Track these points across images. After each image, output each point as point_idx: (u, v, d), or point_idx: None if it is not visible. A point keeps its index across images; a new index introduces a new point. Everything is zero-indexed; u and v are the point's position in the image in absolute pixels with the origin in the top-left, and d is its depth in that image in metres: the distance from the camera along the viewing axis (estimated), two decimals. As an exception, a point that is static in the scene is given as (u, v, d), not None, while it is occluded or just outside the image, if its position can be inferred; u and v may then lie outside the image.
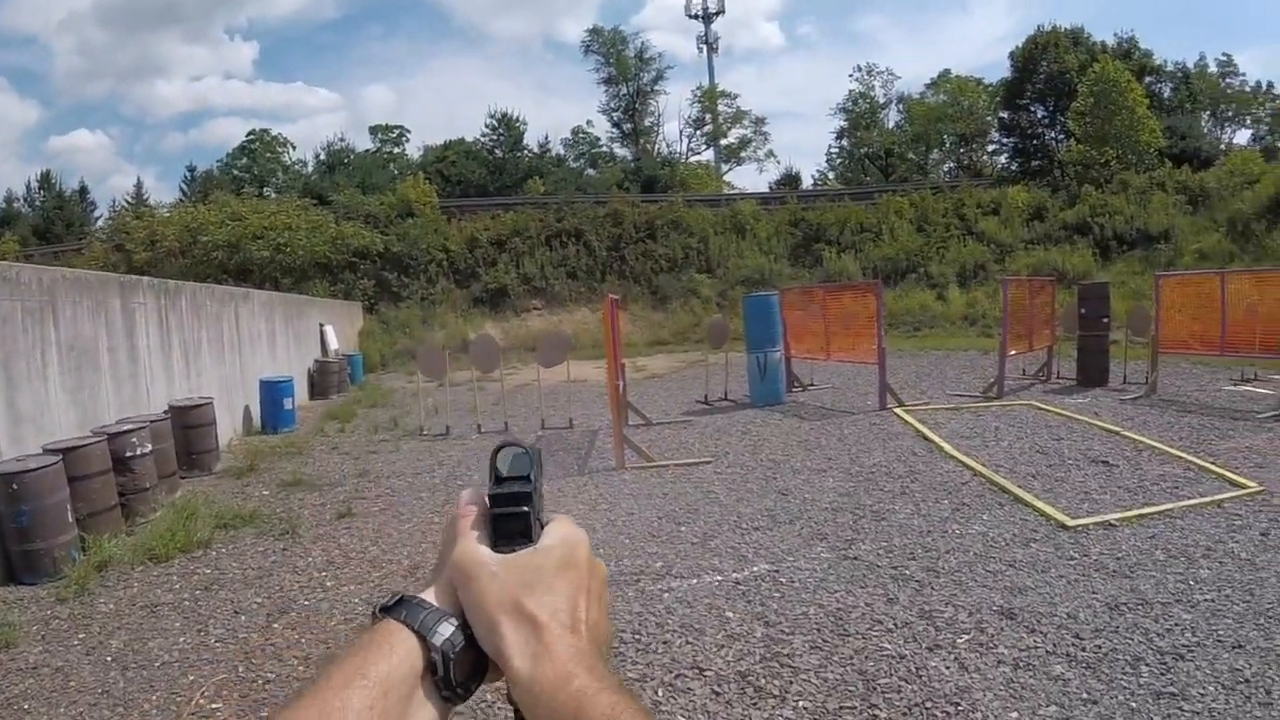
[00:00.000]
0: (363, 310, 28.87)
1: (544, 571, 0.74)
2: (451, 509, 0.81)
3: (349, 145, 52.97)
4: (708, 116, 56.13)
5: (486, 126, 51.26)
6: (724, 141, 56.60)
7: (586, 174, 51.32)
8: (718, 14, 57.49)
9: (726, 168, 56.93)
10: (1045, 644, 4.96)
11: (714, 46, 57.93)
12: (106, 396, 9.75)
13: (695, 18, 57.48)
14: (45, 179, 48.16)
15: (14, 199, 48.43)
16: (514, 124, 50.99)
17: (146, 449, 8.81)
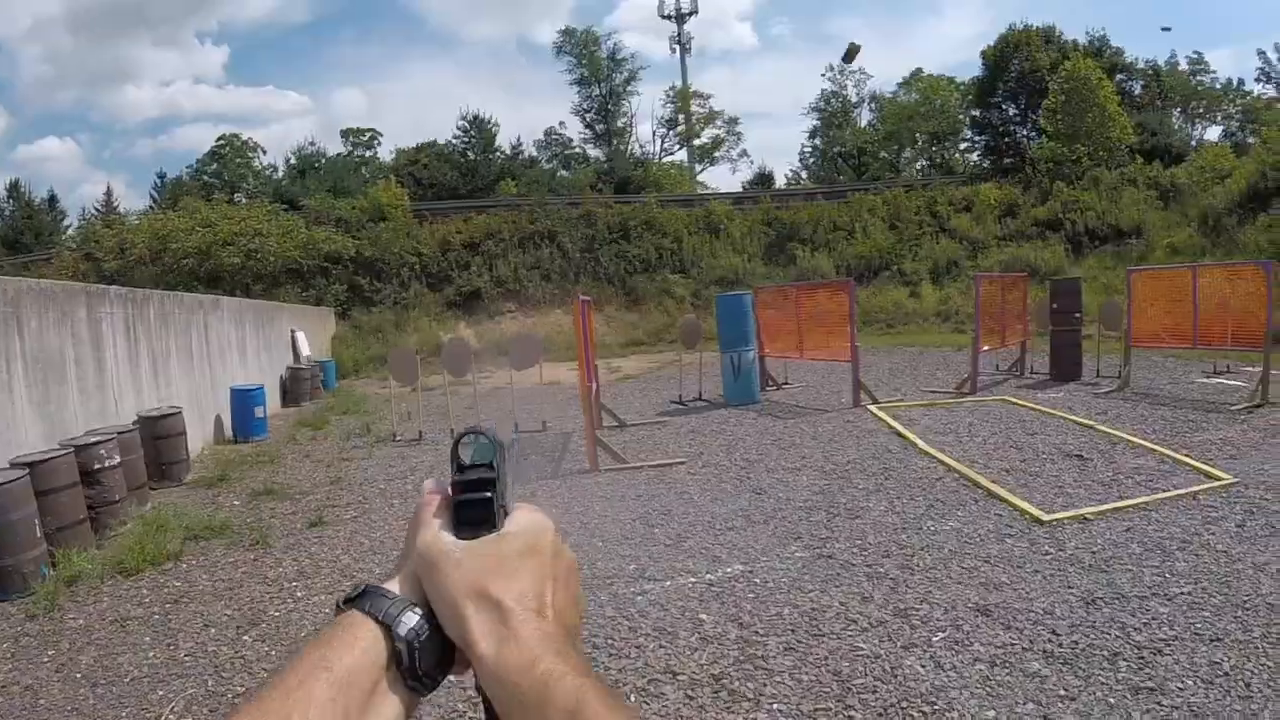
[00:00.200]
0: (335, 316, 28.62)
1: (508, 557, 0.73)
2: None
3: (320, 149, 52.51)
4: (681, 117, 55.97)
5: (458, 129, 50.89)
6: (697, 142, 56.41)
7: (559, 175, 51.09)
8: (690, 14, 57.29)
9: (700, 168, 56.85)
10: (1022, 640, 4.91)
11: (687, 47, 57.78)
12: (74, 408, 9.57)
13: (668, 18, 57.31)
14: (14, 188, 47.29)
15: (-19, 210, 47.65)
16: (486, 126, 50.67)
17: (115, 461, 8.65)
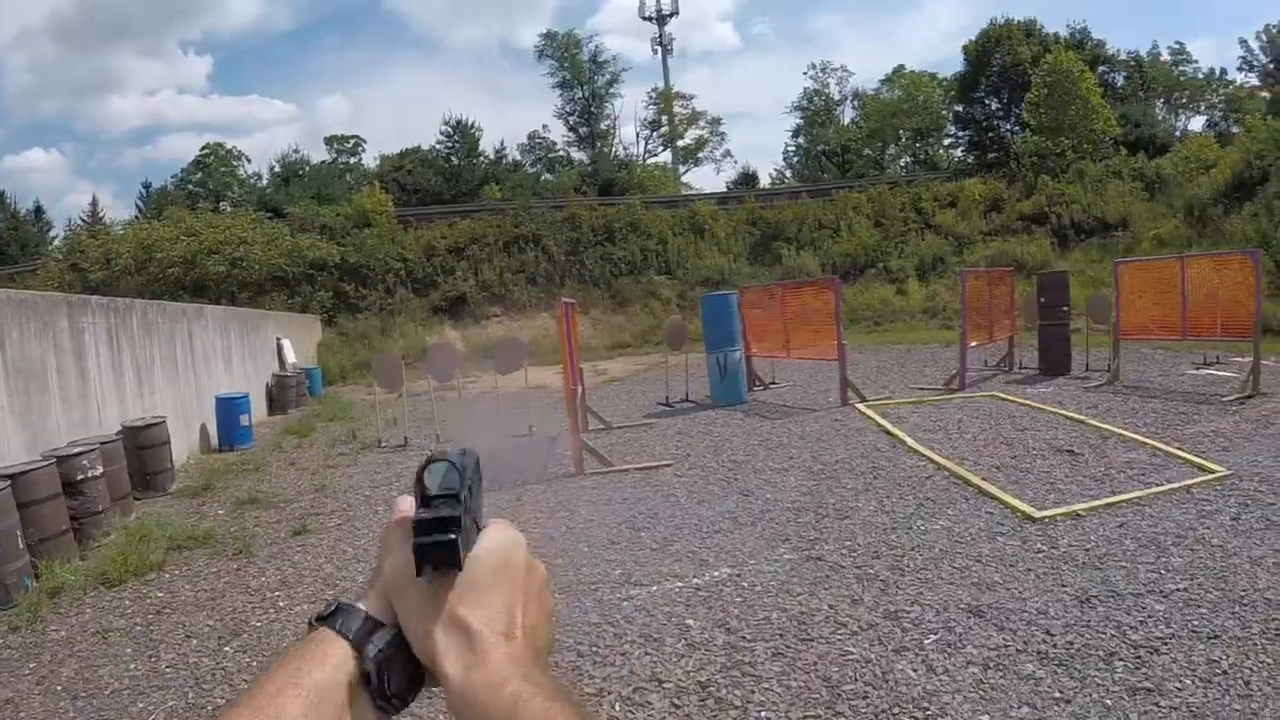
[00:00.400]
0: (321, 323, 28.44)
1: (479, 578, 0.72)
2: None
3: (304, 157, 52.37)
4: (664, 118, 55.94)
5: (441, 134, 50.88)
6: (681, 143, 56.41)
7: (544, 179, 51.02)
8: (671, 15, 57.04)
9: (684, 169, 56.83)
10: (1015, 642, 4.81)
11: (668, 48, 57.52)
12: (56, 419, 9.44)
13: (649, 19, 57.07)
14: (-1, 200, 47.12)
15: (-32, 223, 47.27)
16: (469, 130, 50.59)
17: (98, 471, 8.54)
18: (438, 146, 50.56)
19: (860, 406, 12.92)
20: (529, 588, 0.75)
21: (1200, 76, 49.32)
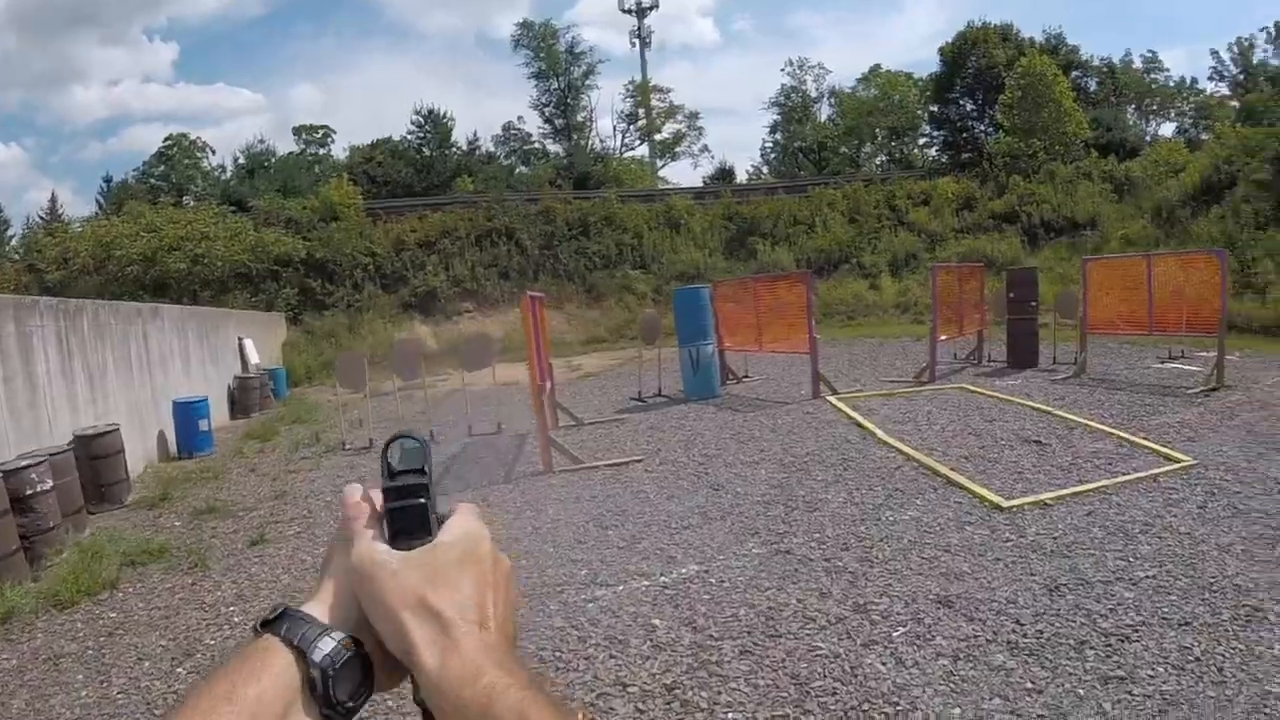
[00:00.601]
0: (286, 321, 27.80)
1: (447, 566, 0.71)
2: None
3: (269, 147, 51.15)
4: (641, 111, 55.73)
5: (412, 124, 50.02)
6: (658, 137, 56.18)
7: (518, 172, 50.59)
8: (651, 8, 56.82)
9: (661, 163, 56.62)
10: (985, 632, 4.76)
11: (647, 41, 57.23)
12: (4, 430, 9.02)
13: (628, 12, 56.79)
14: (-44, 199, 46.03)
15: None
16: (441, 121, 49.96)
17: (48, 485, 8.09)
18: (408, 137, 49.73)
19: (831, 399, 12.89)
20: (496, 578, 0.73)
21: (1171, 85, 50.11)
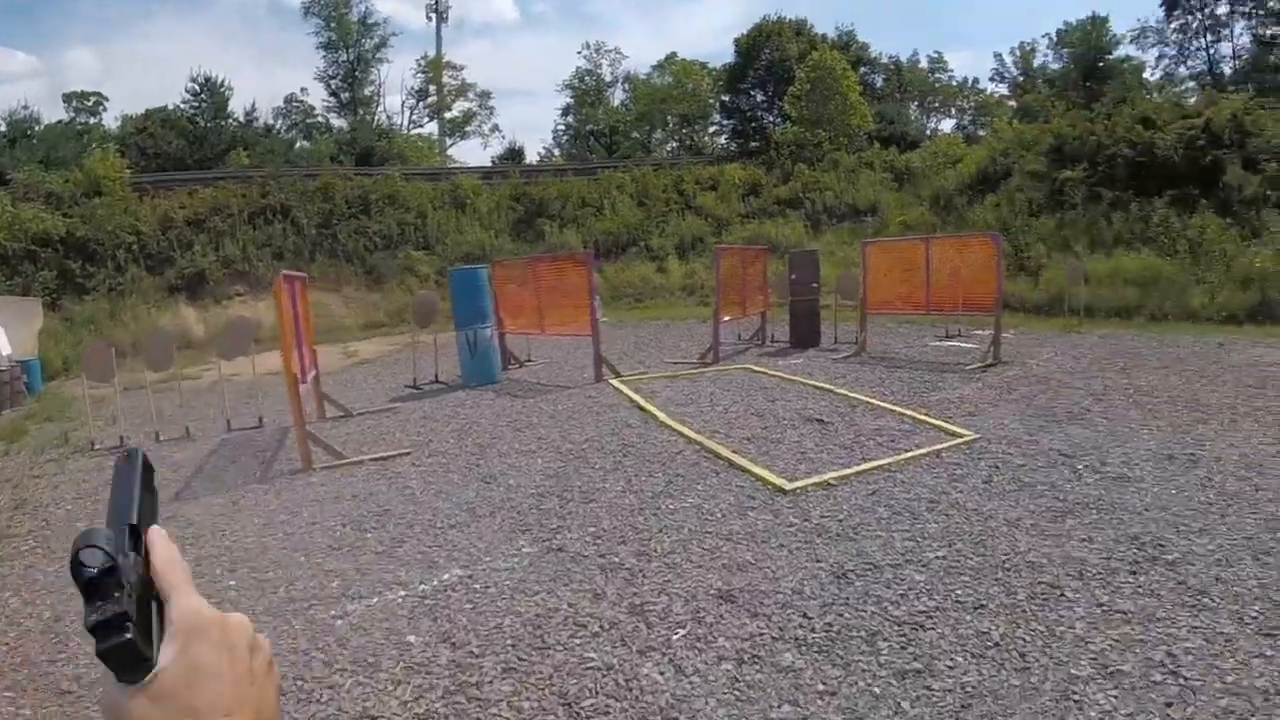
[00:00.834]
0: (44, 307, 24.94)
1: (179, 690, 0.62)
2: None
3: (34, 114, 46.18)
4: (432, 88, 53.98)
5: (188, 92, 46.25)
6: (448, 115, 54.63)
7: (300, 146, 47.86)
8: (449, -17, 55.00)
9: (450, 142, 55.10)
10: (771, 629, 4.26)
11: (444, 16, 55.23)
12: None
13: (425, -16, 54.77)
14: None
15: None
16: (218, 90, 46.61)
17: None
18: (182, 106, 45.86)
19: (614, 382, 12.35)
20: (232, 665, 0.66)
21: (954, 84, 53.44)
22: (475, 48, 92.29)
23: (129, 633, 0.60)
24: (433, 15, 54.99)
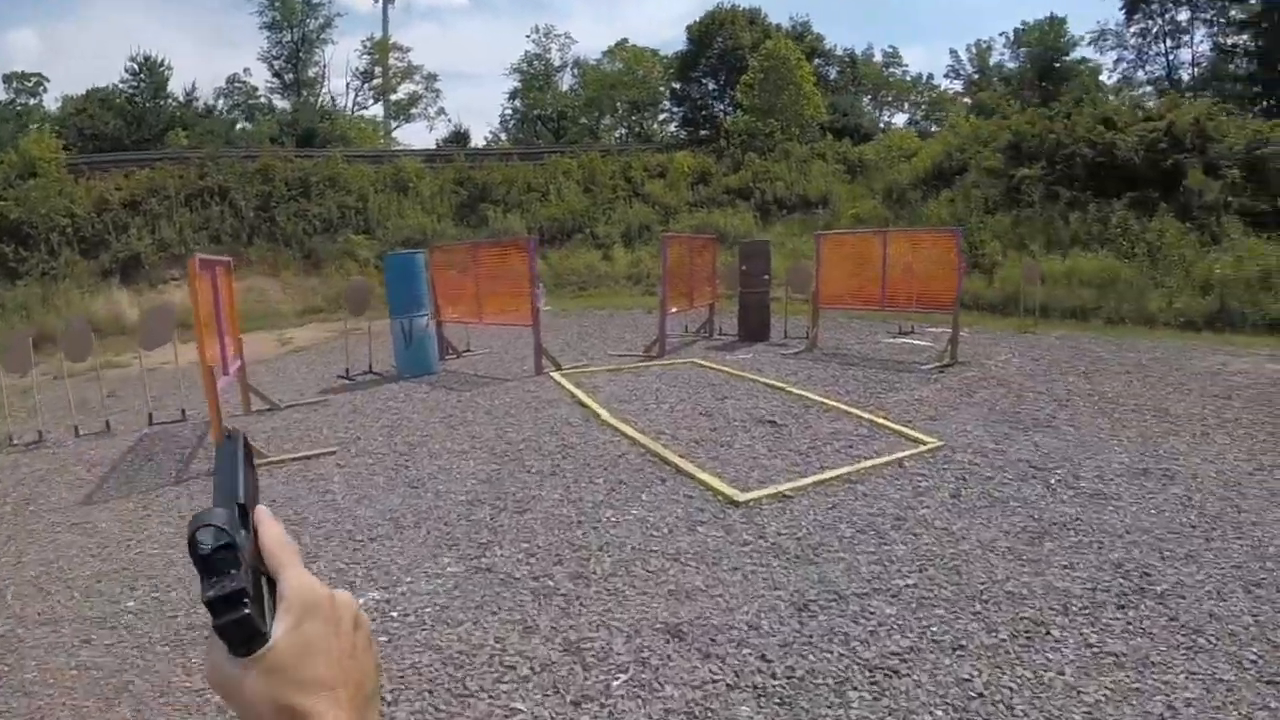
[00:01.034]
0: None
1: (290, 661, 0.64)
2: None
3: None
4: (377, 70, 52.77)
5: (127, 71, 44.60)
6: (393, 97, 53.51)
7: (241, 127, 46.46)
8: (399, -37, 53.80)
9: (395, 124, 53.96)
10: (725, 673, 3.75)
11: (391, -1, 54.20)
12: None
13: (374, -35, 53.48)
14: None
15: None
16: (157, 69, 45.05)
17: None
18: (120, 86, 44.34)
19: (555, 375, 11.76)
20: (341, 638, 0.67)
21: (908, 79, 53.54)
22: (422, 30, 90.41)
23: (247, 608, 0.61)
24: (380, -3, 53.77)
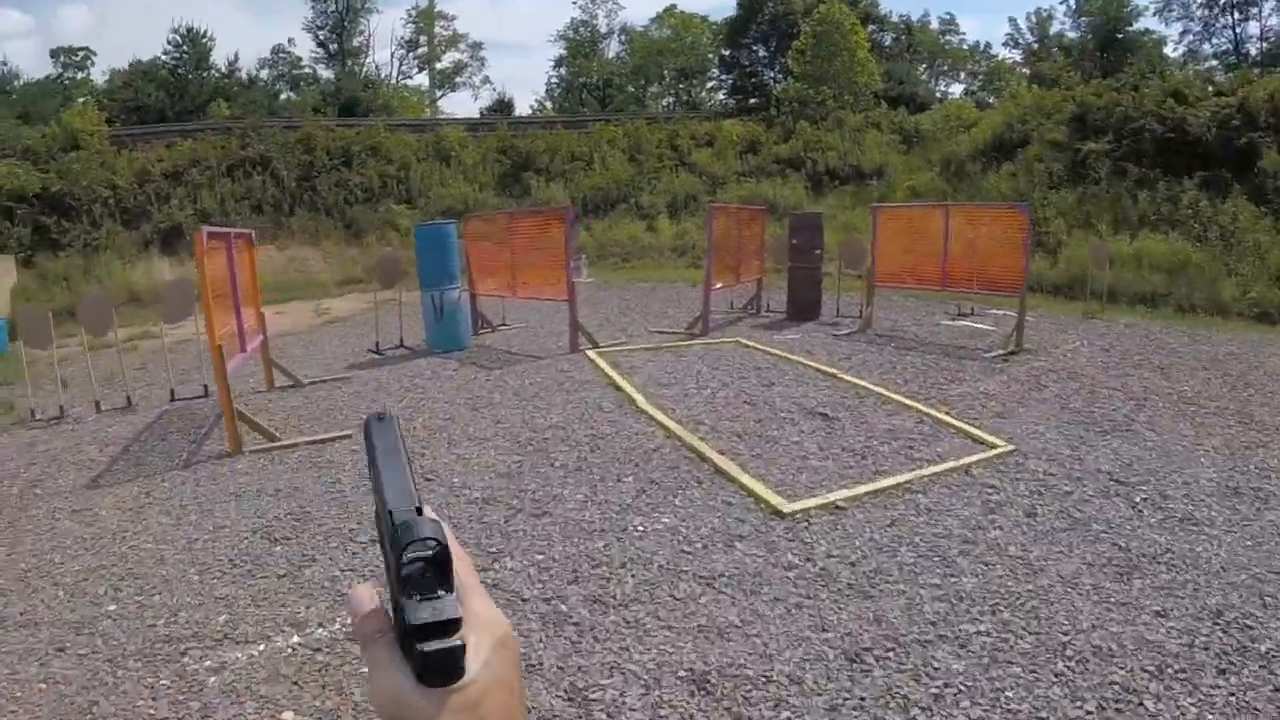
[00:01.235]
0: (18, 264, 23.69)
1: (485, 704, 0.59)
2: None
3: (12, 70, 44.93)
4: (422, 39, 52.27)
5: (169, 43, 44.58)
6: (438, 66, 53.00)
7: (286, 97, 46.24)
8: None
9: (440, 93, 53.50)
10: None
11: (437, -34, 53.55)
12: None
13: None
14: None
15: None
16: (199, 40, 44.96)
17: None
18: (163, 58, 44.34)
19: (591, 354, 11.10)
20: (517, 678, 0.63)
21: (965, 48, 51.60)
22: (471, 0, 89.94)
23: (461, 637, 0.57)
24: (425, -35, 53.11)
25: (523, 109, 48.75)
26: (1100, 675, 3.45)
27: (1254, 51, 41.39)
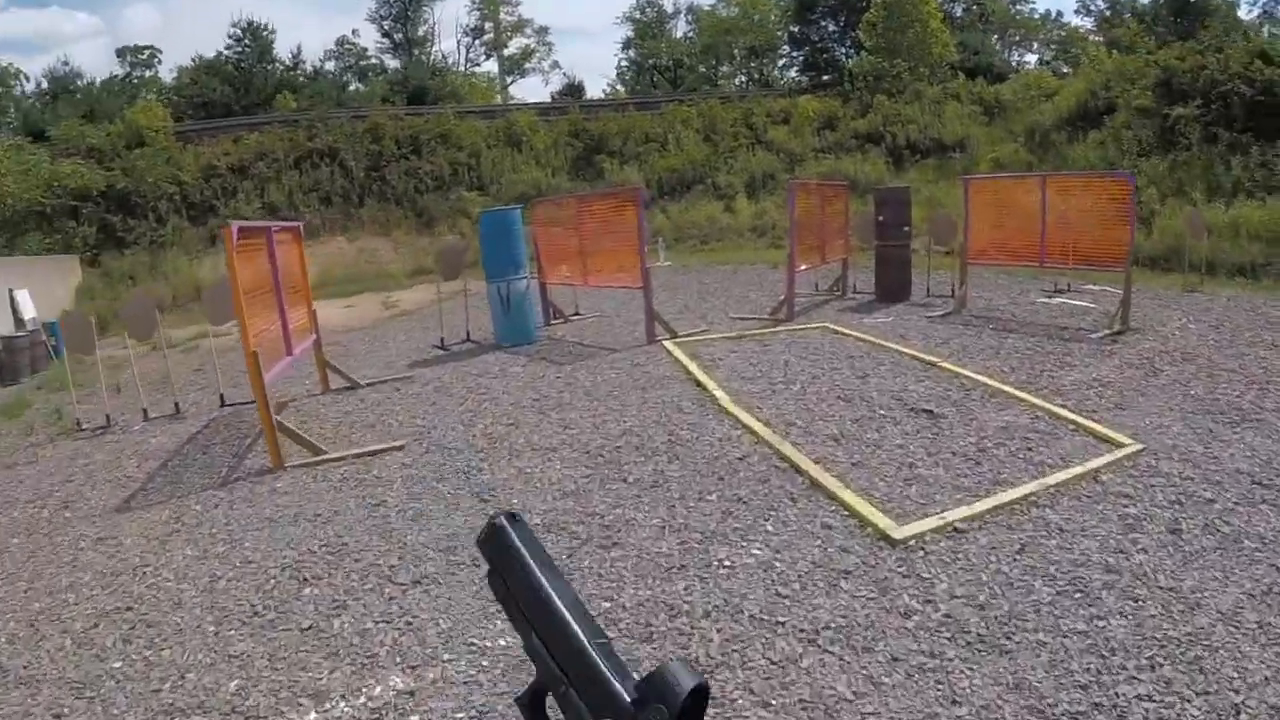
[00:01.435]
0: (84, 263, 23.84)
1: None
2: None
3: (74, 69, 45.15)
4: (488, 25, 52.03)
5: (230, 37, 44.80)
6: (505, 52, 52.70)
7: (353, 88, 46.36)
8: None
9: (510, 79, 53.25)
10: None
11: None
12: None
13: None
14: None
15: None
16: (261, 33, 45.26)
17: None
18: (225, 53, 44.56)
19: (669, 345, 10.50)
20: None
21: (1036, 17, 50.07)
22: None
23: None
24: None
25: (593, 93, 48.30)
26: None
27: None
